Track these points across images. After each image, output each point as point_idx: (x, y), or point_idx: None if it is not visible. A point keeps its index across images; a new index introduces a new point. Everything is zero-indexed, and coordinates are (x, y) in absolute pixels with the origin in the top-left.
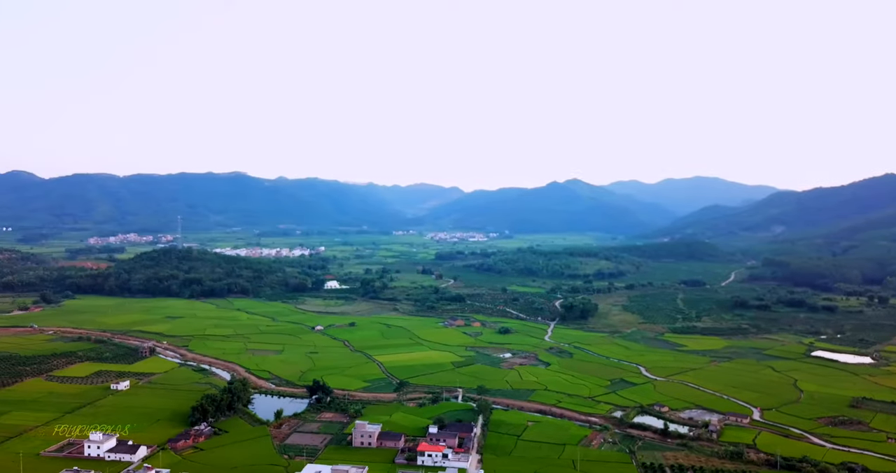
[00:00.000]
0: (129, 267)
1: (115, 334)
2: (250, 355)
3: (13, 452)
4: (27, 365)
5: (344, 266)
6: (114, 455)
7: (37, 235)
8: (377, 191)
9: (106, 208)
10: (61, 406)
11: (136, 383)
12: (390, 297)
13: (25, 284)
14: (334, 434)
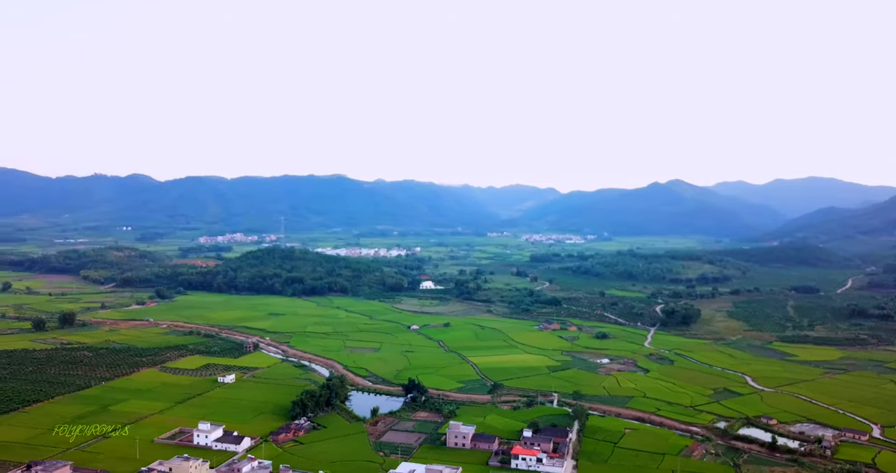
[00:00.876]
0: (235, 266)
1: (222, 329)
2: (348, 352)
3: (131, 437)
4: (143, 356)
5: (439, 267)
6: (220, 445)
7: (153, 234)
8: (472, 193)
9: (215, 209)
10: (173, 397)
11: (240, 376)
12: (484, 299)
13: (142, 280)
14: (428, 434)
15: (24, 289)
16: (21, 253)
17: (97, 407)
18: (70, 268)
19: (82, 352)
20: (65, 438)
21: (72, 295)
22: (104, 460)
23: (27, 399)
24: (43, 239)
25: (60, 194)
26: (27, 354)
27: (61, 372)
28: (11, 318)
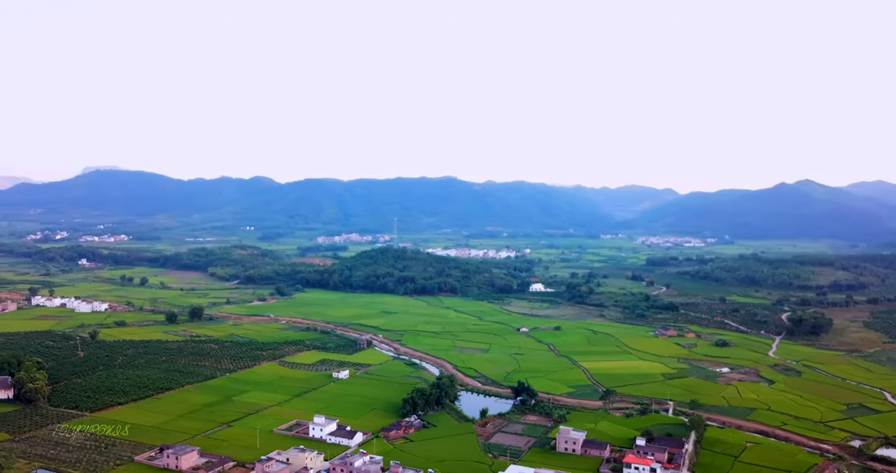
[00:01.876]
0: (350, 265)
1: (337, 326)
2: (458, 352)
3: (252, 427)
4: (264, 350)
5: (549, 269)
6: (334, 439)
7: (274, 234)
8: (585, 194)
9: (332, 210)
10: (291, 390)
11: (354, 373)
12: (597, 303)
13: (264, 278)
14: (538, 438)
15: (159, 284)
16: (156, 251)
17: (222, 397)
18: (199, 265)
19: (209, 345)
20: (194, 425)
21: (200, 291)
22: (228, 447)
23: (160, 386)
24: (175, 237)
25: (191, 196)
26: (161, 345)
27: (190, 363)
28: (148, 311)
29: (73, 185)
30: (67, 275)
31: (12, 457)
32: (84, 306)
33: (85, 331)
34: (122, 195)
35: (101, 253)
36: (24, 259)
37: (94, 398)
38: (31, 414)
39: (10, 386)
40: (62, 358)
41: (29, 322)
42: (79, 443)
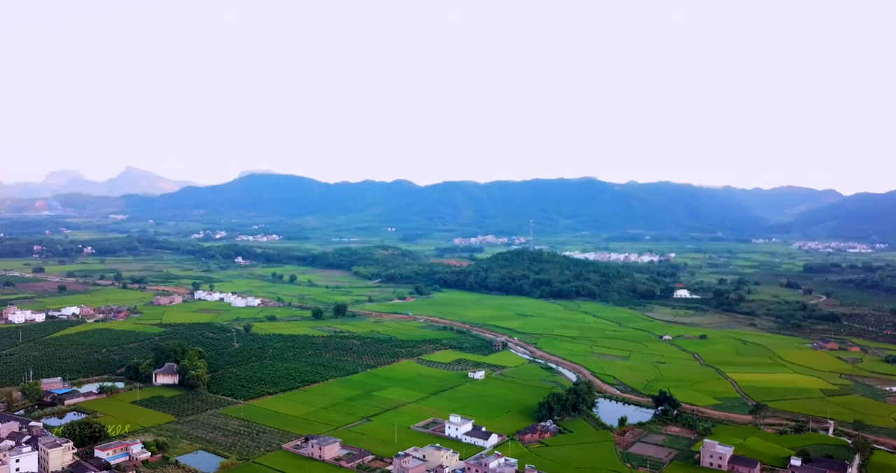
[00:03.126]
0: (486, 266)
1: (473, 326)
2: (596, 358)
3: (390, 422)
4: (403, 347)
5: (695, 274)
6: (469, 439)
7: (413, 235)
8: (734, 195)
9: (469, 212)
10: (428, 388)
11: (490, 374)
12: (747, 311)
13: (403, 277)
14: (680, 450)
15: (307, 282)
16: (304, 250)
17: (363, 392)
18: (343, 264)
19: (352, 341)
20: (336, 417)
21: (344, 289)
22: (367, 441)
23: (306, 379)
24: (322, 237)
25: (337, 198)
26: (307, 339)
27: (334, 357)
28: (296, 307)
29: (231, 188)
30: (225, 272)
31: (177, 438)
32: (239, 301)
33: (240, 324)
34: (274, 197)
35: (254, 252)
36: (188, 256)
37: (247, 387)
38: (193, 399)
39: (175, 372)
40: (220, 348)
41: (192, 314)
42: (234, 429)
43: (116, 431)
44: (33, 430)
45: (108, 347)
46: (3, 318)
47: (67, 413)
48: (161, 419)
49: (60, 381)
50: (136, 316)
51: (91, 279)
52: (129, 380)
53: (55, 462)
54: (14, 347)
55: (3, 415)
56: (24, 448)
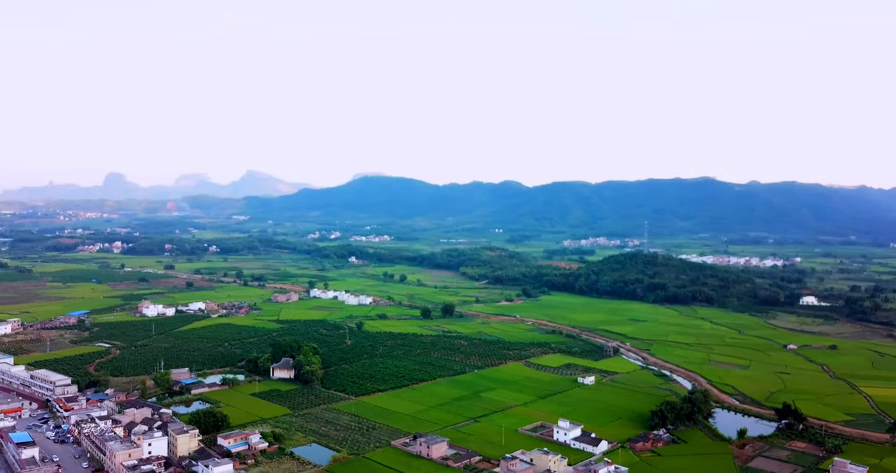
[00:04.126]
0: (597, 269)
1: (582, 331)
2: (713, 366)
3: (497, 424)
4: (510, 349)
5: (824, 280)
6: (578, 444)
7: (521, 236)
8: (870, 195)
9: (579, 213)
10: (536, 391)
11: (600, 379)
12: (884, 321)
13: (511, 279)
14: (806, 467)
15: (416, 282)
16: (414, 251)
17: (470, 392)
18: (451, 265)
19: (459, 341)
20: (444, 417)
21: (452, 289)
22: (474, 441)
23: (415, 377)
24: (431, 238)
25: (446, 199)
26: (416, 338)
27: (442, 357)
28: (406, 306)
29: (345, 190)
30: (339, 271)
31: (292, 430)
32: (352, 299)
33: (352, 322)
34: (385, 199)
35: (367, 252)
36: (304, 255)
37: (358, 383)
38: (308, 394)
39: (291, 367)
40: (333, 345)
41: (307, 311)
42: (345, 424)
43: (237, 421)
44: (163, 417)
45: (230, 341)
46: (138, 311)
47: (193, 402)
48: (277, 411)
49: (188, 372)
50: (255, 313)
51: (215, 276)
52: (249, 373)
53: (182, 448)
54: (147, 338)
55: (137, 402)
56: (156, 433)
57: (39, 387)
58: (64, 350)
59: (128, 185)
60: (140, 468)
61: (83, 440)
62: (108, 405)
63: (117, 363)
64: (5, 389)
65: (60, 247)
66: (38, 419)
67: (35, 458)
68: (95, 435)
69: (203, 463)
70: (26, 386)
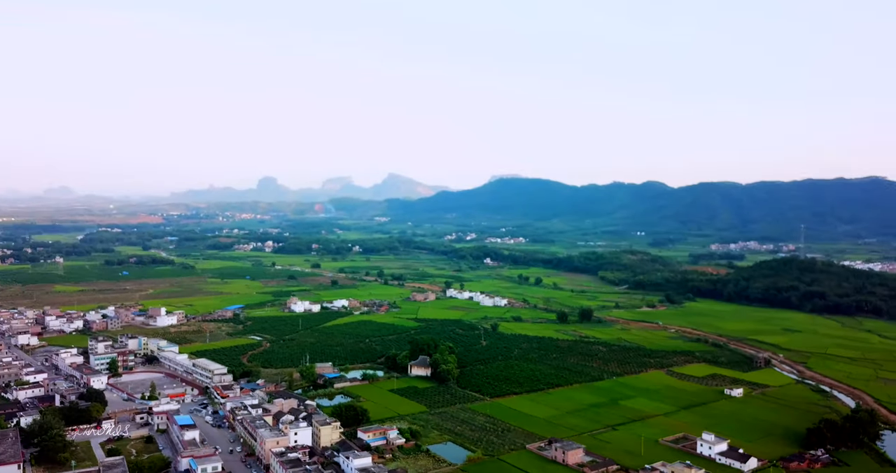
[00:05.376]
0: (747, 275)
1: (730, 340)
2: (882, 384)
3: (636, 433)
4: (651, 357)
5: None
6: (724, 459)
7: (664, 240)
8: None
9: (727, 215)
10: (677, 401)
11: (748, 392)
12: None
13: (653, 284)
14: None
15: (552, 285)
16: (550, 253)
17: (607, 400)
18: (589, 268)
19: (597, 347)
20: (579, 423)
21: (590, 293)
22: (611, 450)
23: (550, 381)
24: (568, 241)
25: (584, 201)
26: (552, 342)
27: (578, 362)
28: (541, 309)
29: (481, 192)
30: (475, 272)
31: (428, 427)
32: (487, 300)
33: (487, 323)
34: (521, 201)
35: (502, 254)
36: (441, 256)
37: (493, 384)
38: (444, 392)
39: (428, 365)
40: (469, 345)
41: (444, 311)
42: (480, 424)
43: (375, 416)
44: (308, 408)
45: (371, 337)
46: (286, 307)
47: (336, 396)
48: (414, 408)
49: (331, 366)
50: (395, 311)
51: (358, 275)
52: (388, 370)
53: (325, 439)
54: (294, 333)
55: (285, 393)
56: (301, 424)
57: (200, 375)
58: (221, 341)
59: (279, 188)
60: (287, 455)
61: (237, 426)
62: (259, 394)
63: (267, 355)
64: (171, 375)
65: (219, 246)
66: (198, 404)
67: (196, 440)
68: (248, 422)
69: (344, 455)
70: (189, 373)
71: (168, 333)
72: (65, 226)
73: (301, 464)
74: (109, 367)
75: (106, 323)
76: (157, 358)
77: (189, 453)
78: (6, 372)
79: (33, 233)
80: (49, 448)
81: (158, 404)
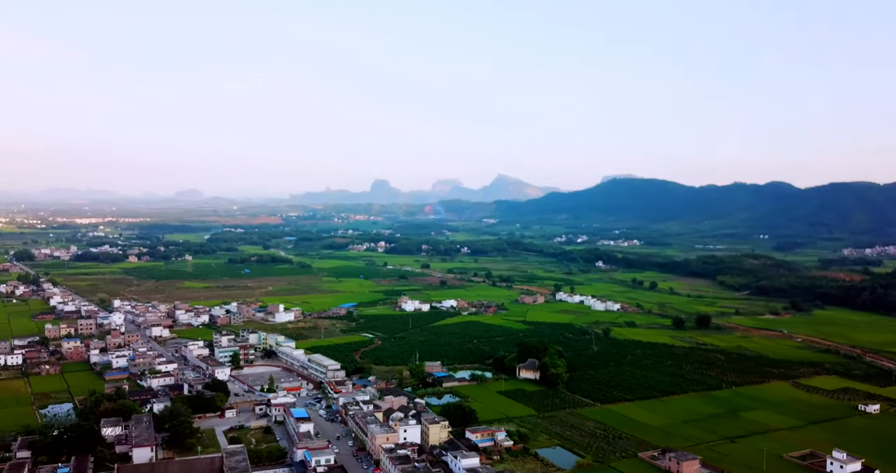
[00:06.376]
0: (885, 282)
1: (865, 351)
2: None
3: (757, 447)
4: (774, 367)
5: None
6: None
7: (790, 243)
8: None
9: (862, 218)
10: (804, 415)
11: (886, 408)
12: None
13: (777, 290)
14: None
15: (667, 289)
16: (665, 256)
17: (726, 410)
18: (707, 273)
19: (715, 354)
20: (695, 433)
21: (707, 299)
22: (729, 463)
23: (665, 389)
24: (684, 244)
25: (702, 203)
26: (667, 348)
27: (695, 370)
28: (656, 314)
29: (593, 193)
30: (585, 275)
31: (536, 431)
32: (598, 304)
33: (598, 328)
34: (635, 202)
35: (614, 257)
36: (550, 258)
37: (604, 390)
38: (552, 396)
39: (536, 368)
40: (579, 349)
41: (553, 314)
42: (590, 430)
43: (483, 417)
44: (417, 406)
45: (478, 338)
46: (397, 306)
47: (444, 395)
48: (522, 411)
49: (440, 365)
50: (503, 312)
51: (466, 276)
52: (496, 371)
53: (434, 437)
54: (405, 331)
55: (395, 390)
56: (411, 421)
57: (314, 370)
58: (335, 337)
59: (391, 191)
60: (396, 451)
61: (349, 420)
62: (371, 391)
63: (379, 352)
64: (288, 369)
65: (334, 246)
66: (312, 398)
67: (310, 432)
68: (359, 417)
69: (452, 454)
70: (304, 368)
71: (285, 329)
72: (193, 226)
73: (410, 461)
74: (232, 360)
75: (229, 318)
76: (275, 353)
77: (304, 445)
78: (142, 361)
79: (166, 232)
80: (178, 434)
81: (276, 396)
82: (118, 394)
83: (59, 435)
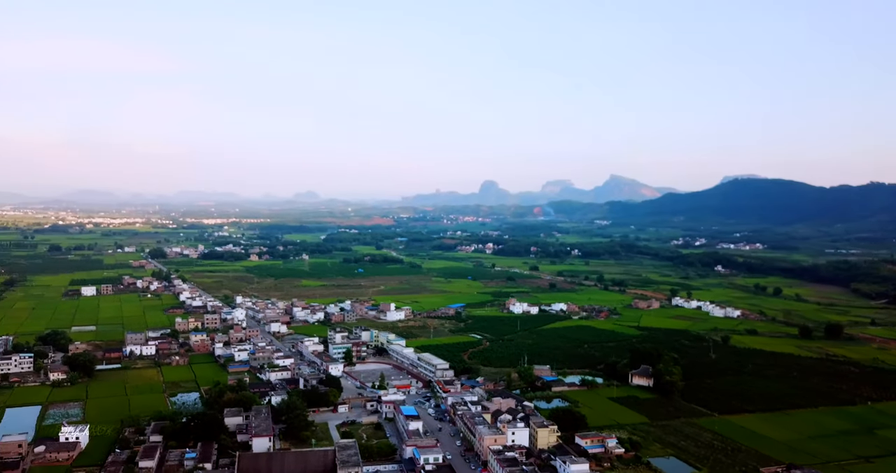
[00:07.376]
0: None
1: None
2: None
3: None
4: None
5: None
6: None
7: None
8: None
9: None
10: None
11: None
12: None
13: None
14: None
15: (793, 296)
16: (792, 261)
17: (860, 427)
18: (838, 279)
19: (847, 367)
20: (825, 450)
21: (839, 307)
22: None
23: (790, 402)
24: (813, 248)
25: (833, 204)
26: (792, 359)
27: (823, 383)
28: (780, 322)
29: (712, 194)
30: (703, 280)
31: (649, 439)
32: (717, 310)
33: (717, 335)
34: (758, 204)
35: (735, 261)
36: (666, 262)
37: (722, 400)
38: (667, 405)
39: (650, 375)
40: (695, 357)
41: (668, 320)
42: (707, 441)
43: (593, 423)
44: (526, 409)
45: (589, 343)
46: (505, 308)
47: (553, 399)
48: (634, 418)
49: (549, 369)
50: (615, 317)
51: (576, 279)
52: (607, 377)
53: (542, 441)
54: (513, 334)
55: (503, 392)
56: (519, 424)
57: (424, 368)
58: (443, 337)
59: (500, 192)
60: (504, 453)
61: (457, 420)
62: (479, 391)
63: (486, 354)
64: (398, 367)
65: (444, 247)
66: (421, 396)
67: (419, 430)
68: (467, 418)
69: (561, 459)
70: (414, 367)
71: (396, 327)
72: (310, 227)
73: (518, 464)
74: (345, 356)
75: (343, 315)
76: (386, 351)
77: (413, 442)
78: (261, 355)
79: (284, 232)
80: (294, 426)
81: (387, 393)
82: (240, 386)
83: (186, 422)
